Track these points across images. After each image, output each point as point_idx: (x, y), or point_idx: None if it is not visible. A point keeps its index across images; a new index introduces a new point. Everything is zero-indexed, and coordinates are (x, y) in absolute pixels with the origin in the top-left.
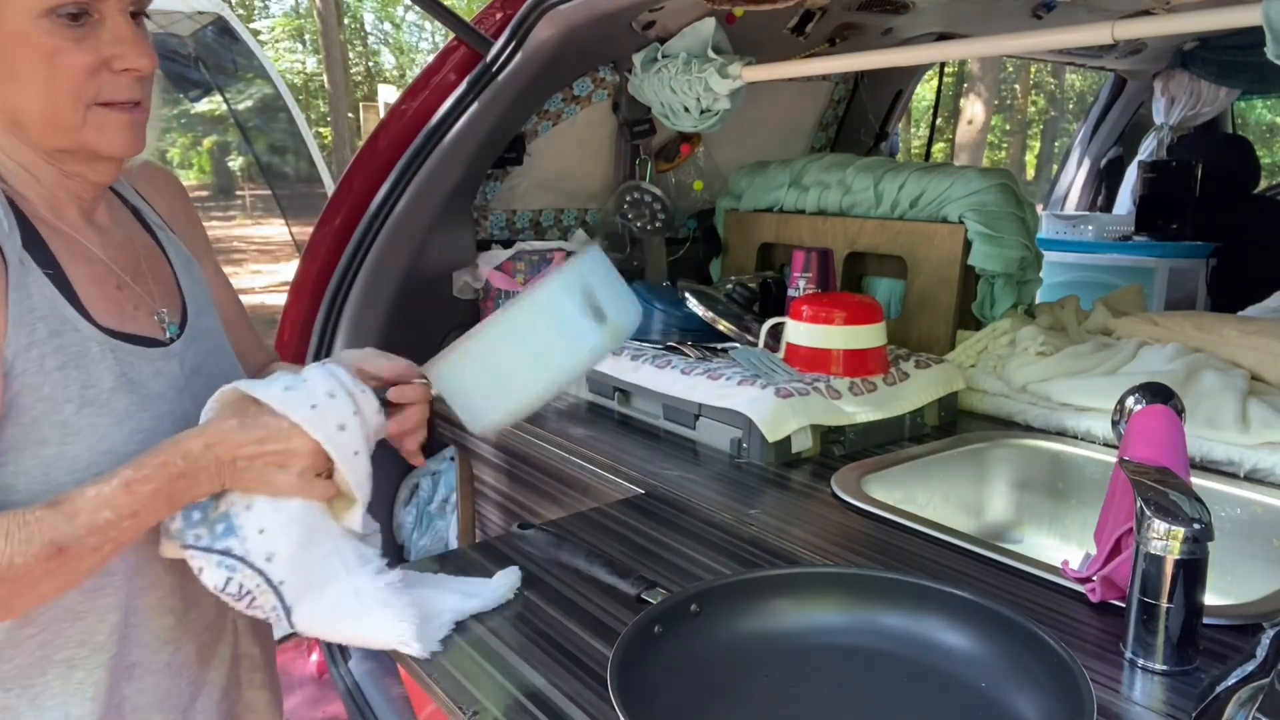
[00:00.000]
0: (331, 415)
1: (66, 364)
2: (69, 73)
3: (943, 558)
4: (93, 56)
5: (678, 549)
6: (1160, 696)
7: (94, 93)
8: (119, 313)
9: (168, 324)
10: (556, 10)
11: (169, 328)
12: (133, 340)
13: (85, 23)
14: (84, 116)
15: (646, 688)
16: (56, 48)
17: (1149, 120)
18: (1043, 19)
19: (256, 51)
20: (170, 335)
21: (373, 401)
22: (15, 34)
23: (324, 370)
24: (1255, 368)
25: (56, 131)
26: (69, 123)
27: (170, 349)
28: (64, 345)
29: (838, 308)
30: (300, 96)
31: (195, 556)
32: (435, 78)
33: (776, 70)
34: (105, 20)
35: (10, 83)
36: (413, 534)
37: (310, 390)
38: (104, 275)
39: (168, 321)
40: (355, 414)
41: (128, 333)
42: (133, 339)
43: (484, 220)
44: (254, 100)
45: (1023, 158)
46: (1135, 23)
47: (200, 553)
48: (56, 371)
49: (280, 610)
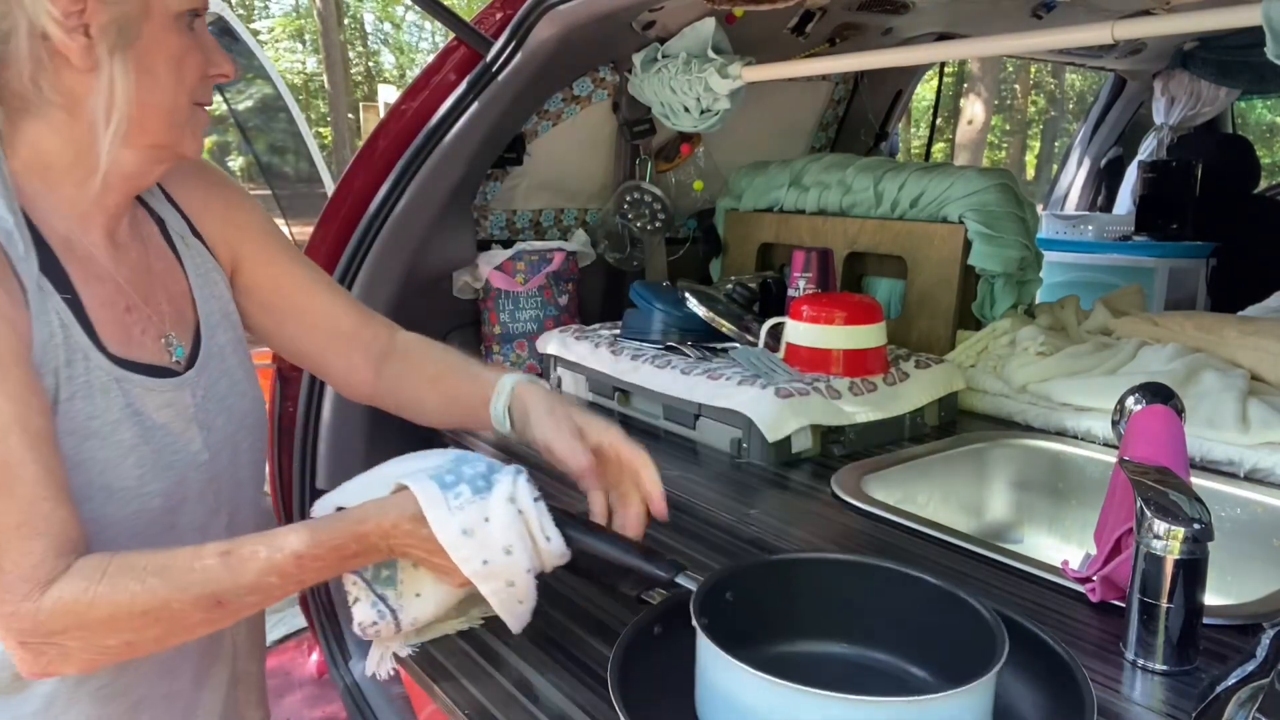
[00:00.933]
0: (501, 572)
1: (74, 395)
2: (193, 72)
3: (943, 558)
4: (204, 59)
5: (678, 549)
6: (1160, 696)
7: (200, 93)
8: (127, 339)
9: (175, 347)
10: (556, 10)
11: (176, 350)
12: (141, 369)
13: (195, 28)
14: (190, 115)
15: (646, 688)
16: (186, 47)
17: (1149, 120)
18: (1043, 19)
19: (256, 51)
20: (177, 359)
21: (557, 545)
22: (157, 33)
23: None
24: (1255, 368)
25: (169, 126)
26: (181, 119)
27: (183, 379)
28: (74, 375)
29: (838, 308)
30: (300, 96)
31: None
32: (435, 78)
33: (776, 70)
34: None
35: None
36: None
37: (487, 540)
38: (114, 297)
39: (175, 345)
40: (528, 571)
41: (135, 361)
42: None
43: (484, 220)
44: (254, 100)
45: (1023, 158)
46: (1135, 23)
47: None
48: (64, 403)
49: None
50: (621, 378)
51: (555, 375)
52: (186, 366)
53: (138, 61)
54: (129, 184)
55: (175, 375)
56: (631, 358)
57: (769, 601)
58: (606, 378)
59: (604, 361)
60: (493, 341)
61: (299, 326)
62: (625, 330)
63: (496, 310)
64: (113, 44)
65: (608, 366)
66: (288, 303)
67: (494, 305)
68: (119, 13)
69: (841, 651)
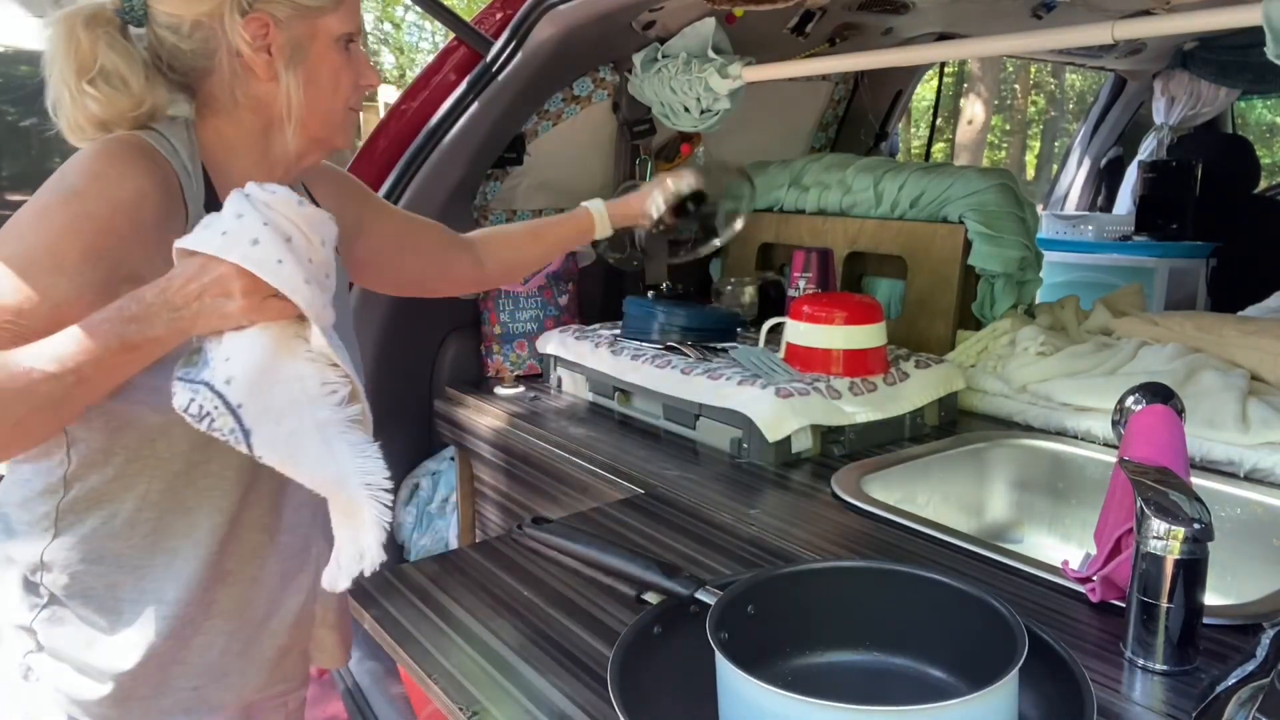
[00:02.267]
0: (242, 234)
1: None
2: (346, 83)
3: (943, 558)
4: (355, 75)
5: (678, 549)
6: (1160, 696)
7: (353, 100)
8: None
9: None
10: (556, 10)
11: None
12: None
13: (350, 49)
14: (343, 117)
15: (646, 688)
16: (343, 64)
17: (1149, 120)
18: (1043, 19)
19: None
20: None
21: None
22: (321, 51)
23: (236, 195)
24: (1255, 368)
25: (327, 125)
26: (337, 121)
27: None
28: None
29: (838, 308)
30: None
31: (174, 386)
32: (435, 78)
33: (776, 70)
34: (354, 46)
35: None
36: (413, 534)
37: (219, 219)
38: None
39: None
40: (266, 225)
41: None
42: None
43: (484, 220)
44: None
45: (1023, 158)
46: (1135, 23)
47: (178, 383)
48: None
49: (239, 433)
50: (622, 377)
51: (555, 375)
52: None
53: (307, 75)
54: (294, 166)
55: None
56: (631, 358)
57: (784, 612)
58: (607, 377)
59: (604, 361)
60: (493, 341)
61: (415, 254)
62: (625, 330)
63: (496, 310)
64: (288, 61)
65: (608, 366)
66: (404, 240)
67: (494, 305)
68: (293, 36)
69: (859, 659)
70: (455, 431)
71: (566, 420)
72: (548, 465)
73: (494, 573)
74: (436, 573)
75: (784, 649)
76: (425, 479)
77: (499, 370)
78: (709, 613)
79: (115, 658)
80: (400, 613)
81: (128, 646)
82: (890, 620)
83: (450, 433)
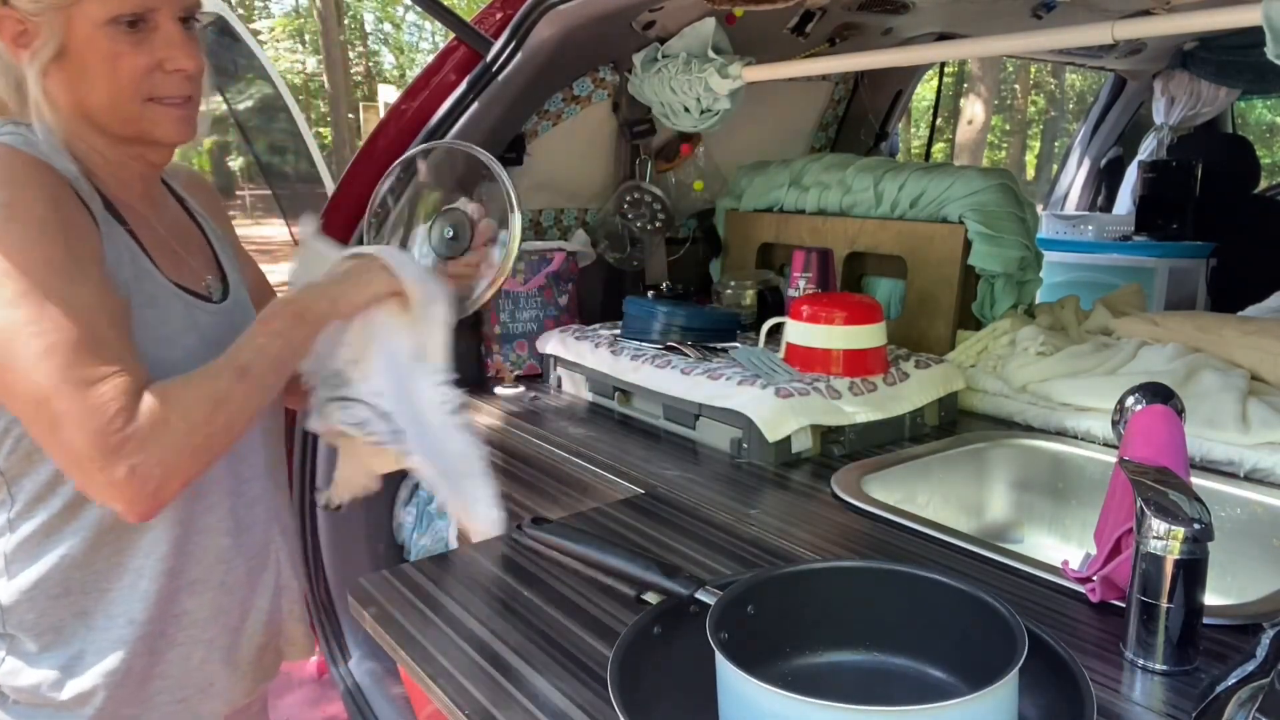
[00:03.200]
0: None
1: (144, 305)
2: (128, 73)
3: (943, 558)
4: (148, 59)
5: (678, 549)
6: (1160, 696)
7: (149, 90)
8: (179, 272)
9: (213, 290)
10: (556, 10)
11: (215, 293)
12: (191, 294)
13: (142, 29)
14: (140, 110)
15: (646, 688)
16: (118, 52)
17: (1149, 120)
18: (1043, 19)
19: (256, 52)
20: (216, 299)
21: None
22: (84, 40)
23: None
24: (1255, 368)
25: (119, 121)
26: (128, 114)
27: (223, 306)
28: (143, 289)
29: (838, 308)
30: (300, 96)
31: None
32: (435, 78)
33: (776, 70)
34: (159, 27)
35: (81, 80)
36: (413, 534)
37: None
38: (163, 242)
39: (213, 289)
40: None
41: (189, 287)
42: (191, 293)
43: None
44: (254, 100)
45: (1023, 158)
46: (1135, 23)
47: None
48: (136, 310)
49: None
50: (621, 378)
51: (555, 375)
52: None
53: (75, 67)
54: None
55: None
56: (631, 358)
57: (784, 612)
58: (606, 378)
59: (604, 361)
60: (492, 341)
61: None
62: (625, 330)
63: (496, 310)
64: (48, 57)
65: (608, 366)
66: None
67: (494, 305)
68: (48, 31)
69: (859, 659)
70: None
71: (566, 420)
72: (548, 465)
73: (494, 573)
74: (436, 573)
75: (784, 649)
76: None
77: (499, 370)
78: (709, 613)
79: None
80: (400, 613)
81: (102, 673)
82: (890, 620)
83: None
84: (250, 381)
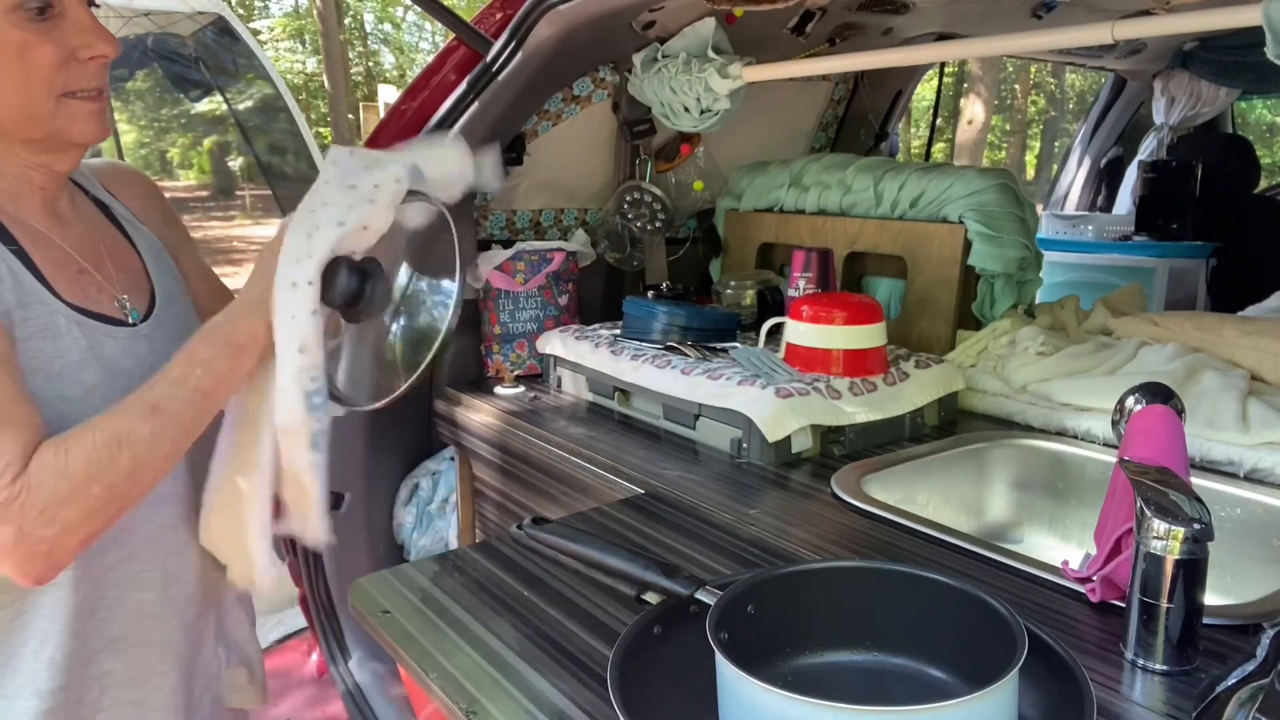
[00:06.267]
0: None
1: (33, 335)
2: (40, 65)
3: (943, 558)
4: (60, 48)
5: (678, 549)
6: (1160, 696)
7: (63, 83)
8: (83, 294)
9: (129, 310)
10: (556, 10)
11: (131, 313)
12: (99, 318)
13: (49, 16)
14: (55, 107)
15: (646, 688)
16: (26, 42)
17: (1149, 120)
18: (1043, 19)
19: (256, 51)
20: (133, 320)
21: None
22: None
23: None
24: (1255, 368)
25: (30, 122)
26: (42, 113)
27: (138, 329)
28: (30, 316)
29: (838, 308)
30: (300, 96)
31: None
32: (435, 78)
33: (776, 70)
34: (67, 12)
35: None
36: (413, 534)
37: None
38: (65, 260)
39: (129, 308)
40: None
41: (94, 310)
42: (99, 317)
43: (484, 220)
44: (254, 100)
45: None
46: (1135, 23)
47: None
48: (24, 342)
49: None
50: (621, 378)
51: (555, 375)
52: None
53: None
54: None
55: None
56: (631, 358)
57: (784, 612)
58: (606, 378)
59: (604, 361)
60: (493, 341)
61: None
62: (625, 330)
63: (496, 310)
64: None
65: (608, 366)
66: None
67: (494, 305)
68: None
69: (859, 659)
70: (455, 432)
71: (566, 420)
72: (548, 465)
73: (494, 573)
74: (436, 573)
75: (784, 649)
76: (425, 479)
77: (499, 370)
78: (709, 613)
79: None
80: (400, 613)
81: None
82: (890, 620)
83: (450, 433)
84: (161, 419)
